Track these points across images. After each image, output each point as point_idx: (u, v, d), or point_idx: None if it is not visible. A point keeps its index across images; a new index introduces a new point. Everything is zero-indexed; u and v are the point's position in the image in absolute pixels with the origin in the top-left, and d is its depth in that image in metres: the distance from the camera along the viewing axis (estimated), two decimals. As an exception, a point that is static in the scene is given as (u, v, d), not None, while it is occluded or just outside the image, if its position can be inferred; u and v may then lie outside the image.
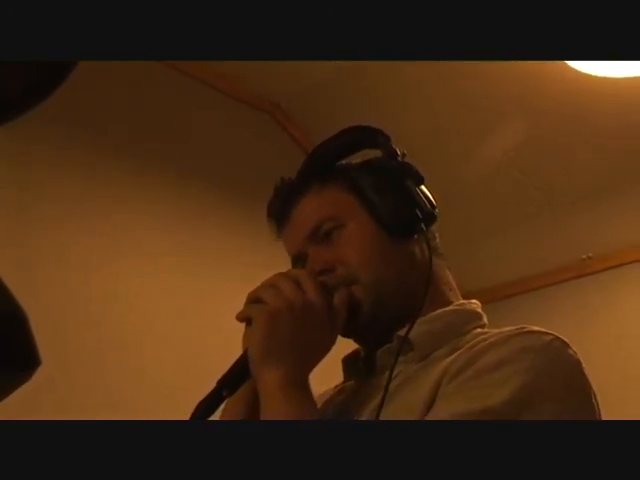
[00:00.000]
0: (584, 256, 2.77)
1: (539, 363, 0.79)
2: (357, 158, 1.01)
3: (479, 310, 0.95)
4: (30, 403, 1.56)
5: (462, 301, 0.96)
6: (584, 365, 0.83)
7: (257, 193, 2.35)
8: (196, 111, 2.36)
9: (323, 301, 0.85)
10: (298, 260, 0.95)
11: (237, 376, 0.83)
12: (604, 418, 0.84)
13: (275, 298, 0.83)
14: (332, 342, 0.87)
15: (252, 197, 2.25)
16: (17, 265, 1.77)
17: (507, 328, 0.85)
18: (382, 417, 0.79)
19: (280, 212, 0.97)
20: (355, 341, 0.96)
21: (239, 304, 2.05)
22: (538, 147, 2.53)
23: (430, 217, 0.92)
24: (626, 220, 2.67)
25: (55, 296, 1.84)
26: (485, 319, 0.94)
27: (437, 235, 0.98)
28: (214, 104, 2.41)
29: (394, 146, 0.94)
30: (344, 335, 0.93)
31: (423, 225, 0.91)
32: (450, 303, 0.94)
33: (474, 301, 0.97)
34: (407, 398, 0.82)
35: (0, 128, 0.56)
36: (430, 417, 0.77)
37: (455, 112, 2.46)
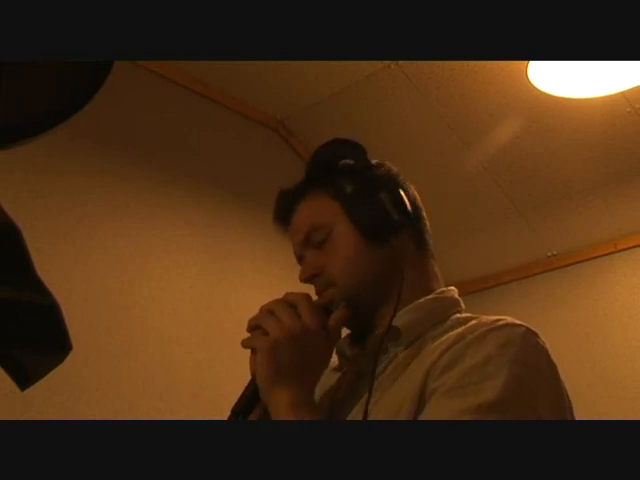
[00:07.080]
0: (549, 254, 2.90)
1: (520, 356, 0.81)
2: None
3: (457, 296, 0.99)
4: (65, 380, 1.73)
5: (442, 289, 0.98)
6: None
7: (265, 198, 2.52)
8: (212, 128, 2.48)
9: (318, 324, 0.87)
10: (299, 260, 1.01)
11: (249, 401, 0.88)
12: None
13: (274, 327, 0.85)
14: (329, 358, 0.91)
15: (260, 201, 2.41)
16: (58, 260, 1.87)
17: (484, 317, 0.89)
18: (372, 405, 0.84)
19: (281, 218, 1.03)
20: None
21: (250, 293, 2.37)
22: (508, 159, 2.65)
23: (401, 222, 0.94)
24: (585, 223, 2.78)
25: (91, 287, 1.93)
26: (462, 304, 0.98)
27: (427, 228, 1.01)
28: (227, 122, 2.52)
29: (369, 157, 0.98)
30: None
31: (395, 229, 0.94)
32: (433, 291, 0.97)
33: (452, 288, 1.00)
34: (394, 391, 0.85)
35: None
36: (429, 415, 0.78)
37: (437, 130, 2.56)
